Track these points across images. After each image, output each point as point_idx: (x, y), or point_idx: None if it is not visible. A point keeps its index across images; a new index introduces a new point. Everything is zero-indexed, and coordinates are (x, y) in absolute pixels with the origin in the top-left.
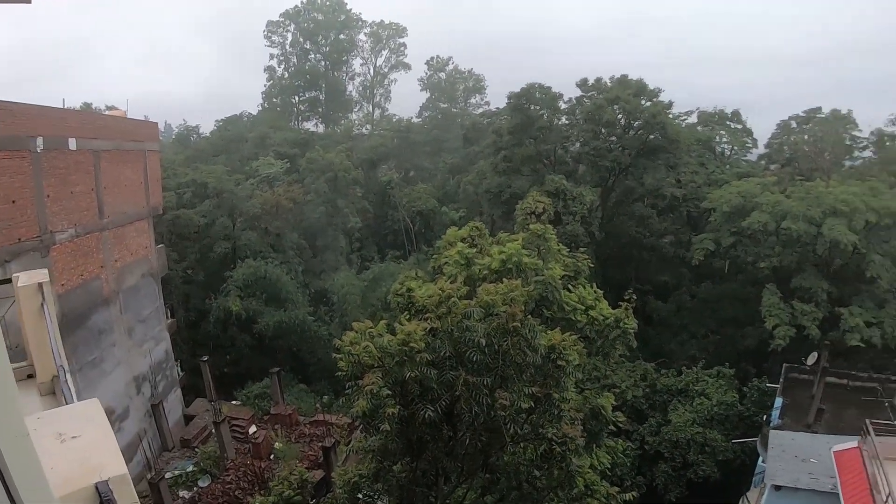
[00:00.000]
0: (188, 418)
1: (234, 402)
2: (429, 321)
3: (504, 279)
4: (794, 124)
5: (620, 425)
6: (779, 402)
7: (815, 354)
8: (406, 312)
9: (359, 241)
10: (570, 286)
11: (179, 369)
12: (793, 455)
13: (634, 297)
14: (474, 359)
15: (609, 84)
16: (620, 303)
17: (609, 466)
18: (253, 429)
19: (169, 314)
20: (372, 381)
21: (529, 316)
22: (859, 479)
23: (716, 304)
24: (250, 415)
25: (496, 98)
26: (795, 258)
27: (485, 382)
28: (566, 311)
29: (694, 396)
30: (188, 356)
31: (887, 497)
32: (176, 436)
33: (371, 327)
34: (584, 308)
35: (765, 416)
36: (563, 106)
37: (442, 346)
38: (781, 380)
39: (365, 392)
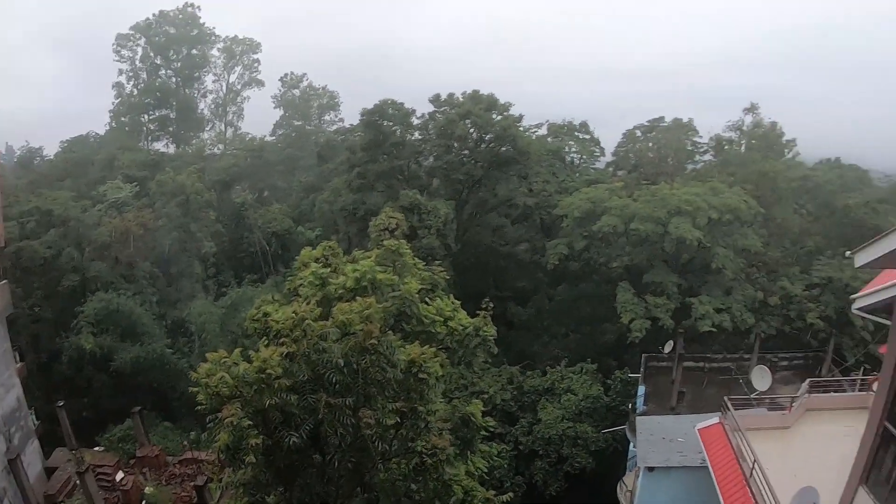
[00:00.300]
0: (49, 471)
1: (96, 449)
2: (285, 345)
3: (359, 297)
4: (638, 133)
5: (492, 429)
6: (642, 389)
7: (671, 343)
8: (264, 338)
9: (214, 266)
10: (427, 299)
11: (35, 418)
12: (660, 437)
13: (492, 305)
14: (334, 380)
15: (461, 99)
16: (478, 311)
17: (486, 470)
18: (120, 475)
19: (18, 357)
20: (231, 412)
21: (390, 331)
22: (725, 452)
23: (574, 305)
24: (116, 460)
25: (350, 115)
26: (645, 256)
27: (347, 403)
28: (425, 324)
29: (561, 394)
30: (43, 402)
31: (753, 463)
32: (39, 492)
33: (226, 357)
34: (442, 320)
35: (630, 405)
36: (415, 121)
37: (300, 370)
38: (642, 369)
39: (225, 425)
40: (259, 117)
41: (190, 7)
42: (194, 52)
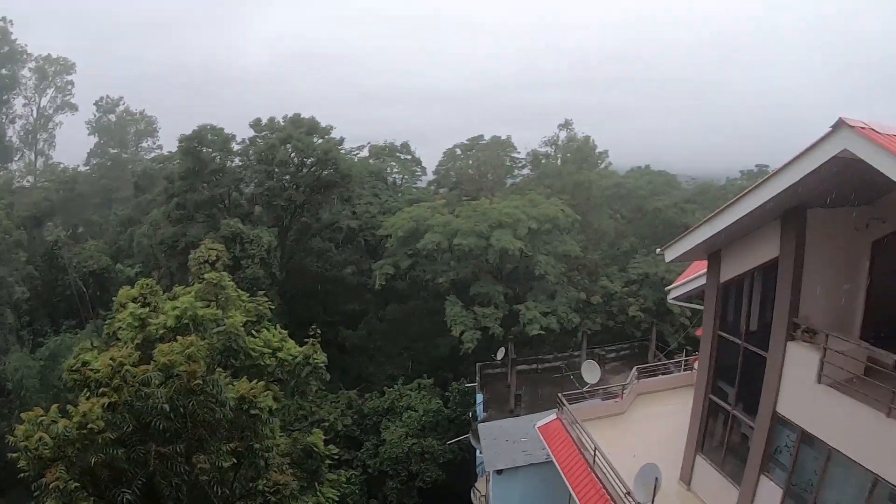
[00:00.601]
0: None
1: None
2: (105, 396)
3: (181, 336)
4: (458, 151)
5: (337, 457)
6: (480, 397)
7: (502, 349)
8: (85, 390)
9: (28, 313)
10: (254, 331)
11: None
12: (504, 440)
13: (319, 332)
14: (161, 427)
15: (282, 123)
16: (307, 339)
17: (337, 499)
18: None
19: None
20: (56, 476)
21: (219, 368)
22: (566, 444)
23: (404, 323)
24: None
25: (169, 141)
26: (471, 269)
27: (178, 450)
28: (253, 357)
29: (401, 412)
30: None
31: (594, 451)
32: None
33: (43, 415)
34: (271, 351)
35: (471, 413)
36: (236, 147)
37: (123, 421)
38: (478, 378)
39: (51, 490)
40: (72, 145)
41: (1, 21)
42: (3, 71)
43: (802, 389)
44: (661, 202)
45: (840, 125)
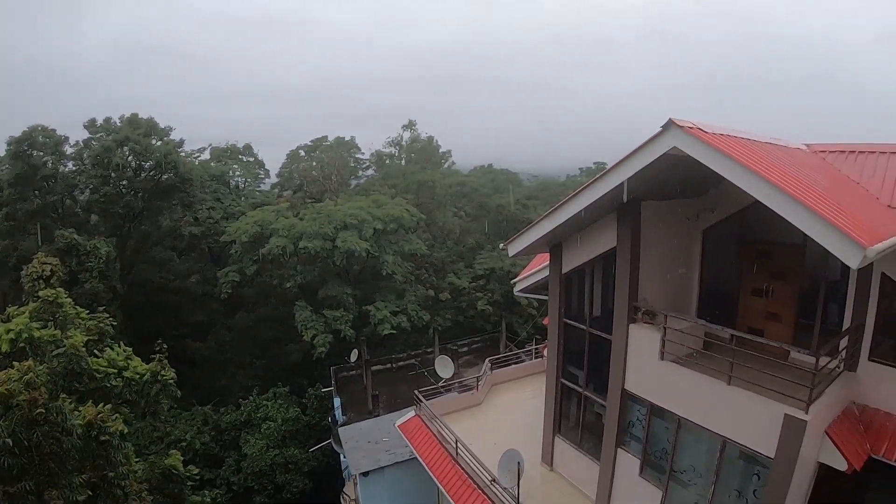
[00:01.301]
0: None
1: None
2: None
3: (18, 361)
4: (302, 153)
5: (198, 477)
6: (337, 401)
7: (355, 351)
8: None
9: None
10: (97, 351)
11: None
12: (366, 442)
13: (165, 347)
14: (6, 464)
15: (119, 124)
16: (153, 356)
17: None
18: None
19: None
20: None
21: (63, 394)
22: (428, 440)
23: (254, 331)
24: None
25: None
26: (318, 272)
27: (27, 487)
28: (98, 379)
29: (260, 424)
30: None
31: (456, 443)
32: None
33: None
34: (116, 371)
35: (330, 418)
36: (69, 150)
37: None
38: (333, 381)
39: None
40: None
41: None
42: None
43: (648, 367)
44: (504, 199)
45: (670, 125)
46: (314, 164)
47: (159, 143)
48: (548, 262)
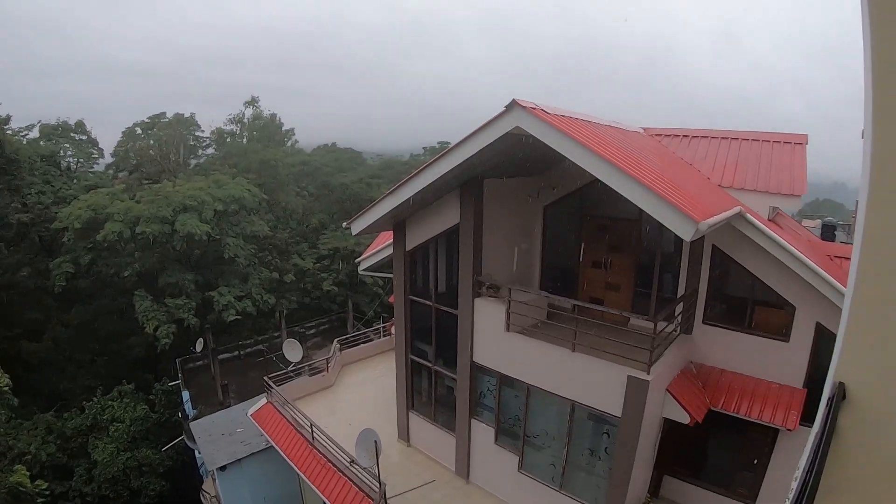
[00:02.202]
0: None
1: None
2: None
3: None
4: (139, 131)
5: (49, 492)
6: (186, 395)
7: (201, 340)
8: None
9: None
10: None
11: None
12: (220, 434)
13: None
14: None
15: None
16: None
17: None
18: None
19: None
20: None
21: None
22: (282, 426)
23: (93, 326)
24: None
25: None
26: (157, 258)
27: None
28: None
29: (107, 426)
30: None
31: (311, 427)
32: None
33: None
34: None
35: (180, 413)
36: None
37: None
38: (180, 374)
39: None
40: None
41: None
42: None
43: (494, 339)
44: (348, 178)
45: (513, 105)
46: (152, 142)
47: None
48: (391, 240)
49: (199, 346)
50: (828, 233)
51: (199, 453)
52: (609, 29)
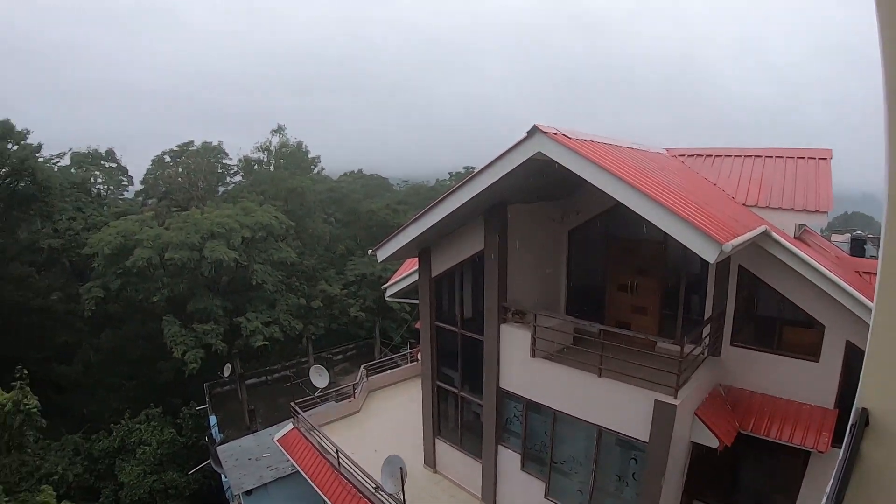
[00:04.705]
0: None
1: None
2: None
3: None
4: (168, 158)
5: None
6: (213, 419)
7: (228, 365)
8: None
9: None
10: None
11: None
12: (246, 459)
13: (27, 372)
14: None
15: None
16: (13, 383)
17: None
18: None
19: None
20: None
21: None
22: (308, 451)
23: (122, 351)
24: None
25: None
26: (186, 284)
27: None
28: None
29: (134, 449)
30: None
31: (337, 453)
32: None
33: None
34: None
35: (207, 437)
36: None
37: None
38: (207, 399)
39: None
40: None
41: None
42: None
43: (520, 364)
44: (375, 204)
45: (534, 131)
46: (180, 170)
47: (15, 147)
48: (416, 266)
49: (226, 372)
50: (857, 247)
51: (226, 477)
52: (630, 45)
